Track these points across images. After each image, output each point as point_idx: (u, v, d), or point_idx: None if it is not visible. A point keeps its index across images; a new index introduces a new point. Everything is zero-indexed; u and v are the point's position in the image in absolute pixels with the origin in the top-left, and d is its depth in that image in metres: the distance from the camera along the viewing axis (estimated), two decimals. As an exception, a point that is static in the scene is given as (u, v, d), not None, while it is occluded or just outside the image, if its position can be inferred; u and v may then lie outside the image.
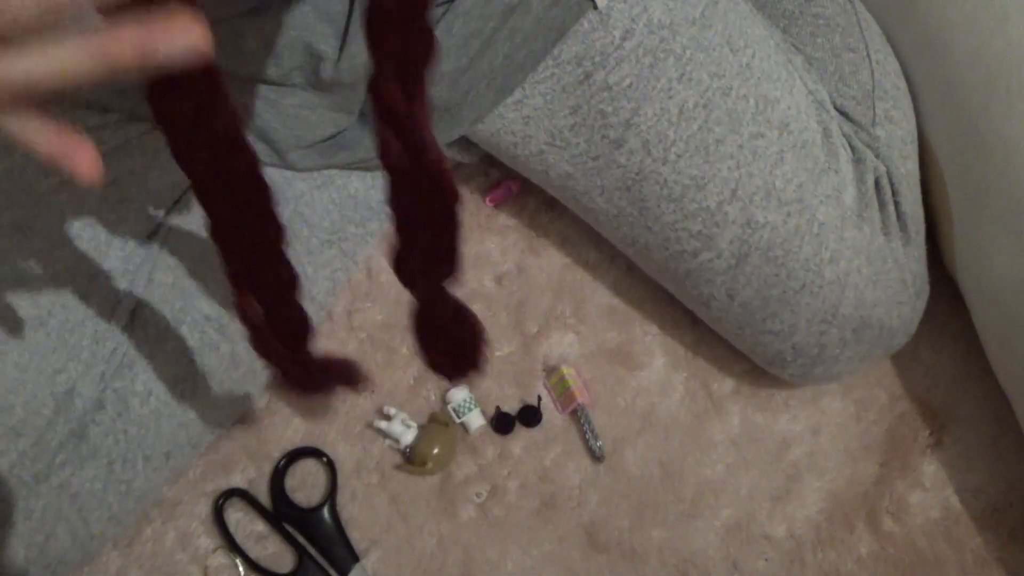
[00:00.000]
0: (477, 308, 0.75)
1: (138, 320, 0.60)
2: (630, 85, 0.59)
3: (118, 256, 0.60)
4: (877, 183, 0.66)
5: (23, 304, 0.56)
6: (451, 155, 0.71)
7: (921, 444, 0.72)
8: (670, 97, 0.59)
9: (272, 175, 0.67)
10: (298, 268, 0.66)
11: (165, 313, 0.61)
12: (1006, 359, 0.66)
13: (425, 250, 0.44)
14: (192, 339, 0.61)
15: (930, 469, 0.72)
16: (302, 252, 0.67)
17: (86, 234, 0.59)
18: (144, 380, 0.60)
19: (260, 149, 0.65)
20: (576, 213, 0.70)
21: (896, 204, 0.66)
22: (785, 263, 0.62)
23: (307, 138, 0.64)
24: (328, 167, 0.67)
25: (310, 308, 0.68)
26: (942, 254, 0.72)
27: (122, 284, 0.60)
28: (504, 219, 0.78)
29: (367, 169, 0.70)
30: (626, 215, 0.64)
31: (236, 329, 0.63)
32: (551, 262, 0.77)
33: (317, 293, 0.69)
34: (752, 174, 0.61)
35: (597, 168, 0.63)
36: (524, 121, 0.62)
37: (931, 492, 0.71)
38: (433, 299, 0.46)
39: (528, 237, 0.78)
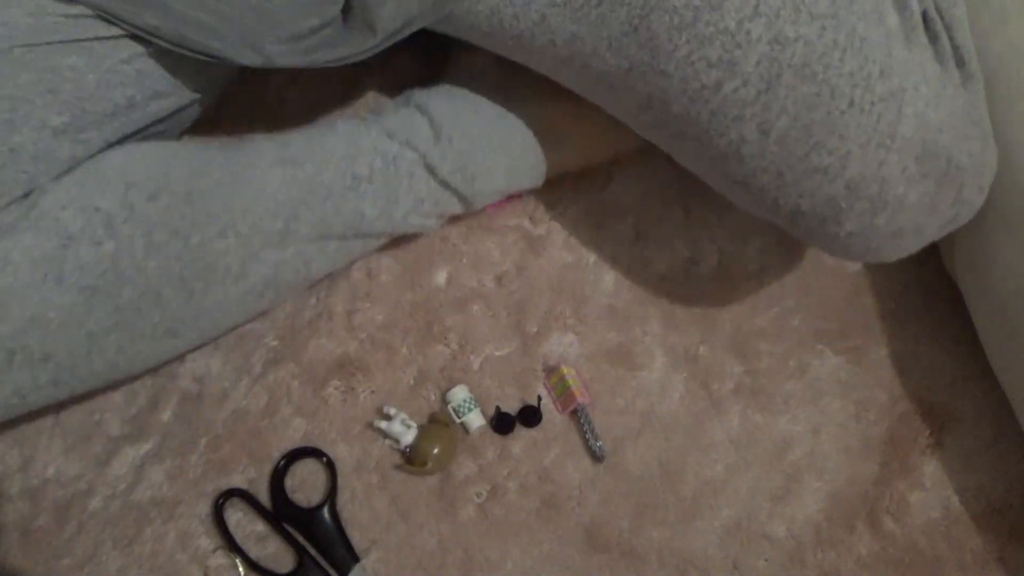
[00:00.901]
0: (477, 308, 0.75)
1: (30, 200, 0.59)
2: None
3: (30, 137, 0.59)
4: (925, 15, 0.59)
5: None
6: None
7: (921, 444, 0.72)
8: None
9: (236, 146, 0.66)
10: (228, 221, 0.63)
11: (57, 199, 0.59)
12: (1006, 359, 0.66)
13: None
14: (73, 223, 0.59)
15: (930, 469, 0.72)
16: (238, 206, 0.64)
17: (4, 104, 0.58)
18: (6, 247, 0.57)
19: (245, 54, 0.62)
20: (591, 95, 0.66)
21: (951, 38, 0.60)
22: (827, 79, 0.55)
23: (290, 30, 0.62)
24: (310, 65, 0.63)
25: (240, 283, 0.65)
26: (942, 254, 0.72)
27: (26, 166, 0.59)
28: (504, 219, 0.78)
29: (351, 63, 0.66)
30: (639, 67, 0.59)
31: (126, 233, 0.60)
32: (551, 262, 0.77)
33: (253, 267, 0.65)
34: None
35: (601, 16, 0.59)
36: None
37: (931, 492, 0.71)
38: None
39: (528, 237, 0.78)
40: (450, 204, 0.72)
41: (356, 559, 0.68)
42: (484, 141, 0.71)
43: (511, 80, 0.71)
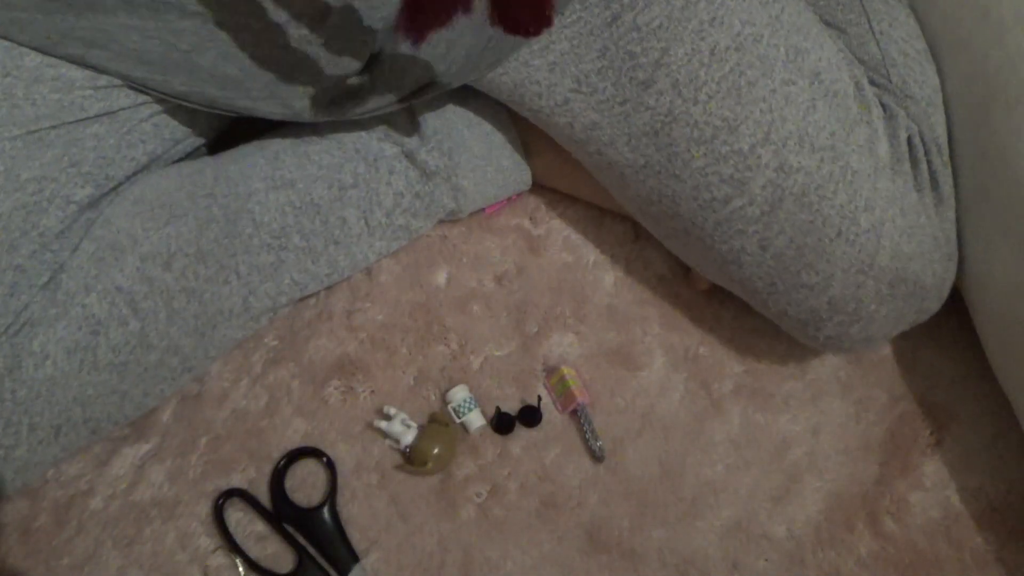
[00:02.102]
0: (477, 308, 0.75)
1: (54, 282, 0.60)
2: (660, 25, 0.59)
3: (57, 216, 0.59)
4: (909, 141, 0.65)
5: None
6: None
7: (921, 444, 0.72)
8: (701, 38, 0.59)
9: (230, 170, 0.66)
10: (231, 266, 0.66)
11: (78, 278, 0.60)
12: (1006, 359, 0.66)
13: None
14: (99, 308, 0.60)
15: (930, 469, 0.72)
16: (239, 249, 0.66)
17: (31, 187, 0.58)
18: (42, 341, 0.58)
19: (273, 108, 0.63)
20: (598, 175, 0.68)
21: (928, 163, 0.66)
22: (820, 209, 0.61)
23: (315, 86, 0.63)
24: (337, 118, 0.65)
25: (242, 317, 0.67)
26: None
27: (53, 245, 0.60)
28: (504, 219, 0.78)
29: (387, 122, 0.69)
30: (653, 164, 0.63)
31: (149, 308, 0.62)
32: (551, 262, 0.77)
33: (254, 303, 0.68)
34: (785, 118, 0.60)
35: (624, 113, 0.62)
36: (549, 68, 0.62)
37: (931, 492, 0.71)
38: None
39: (528, 237, 0.78)
40: (433, 195, 0.72)
41: (356, 559, 0.68)
42: (461, 121, 0.72)
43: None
